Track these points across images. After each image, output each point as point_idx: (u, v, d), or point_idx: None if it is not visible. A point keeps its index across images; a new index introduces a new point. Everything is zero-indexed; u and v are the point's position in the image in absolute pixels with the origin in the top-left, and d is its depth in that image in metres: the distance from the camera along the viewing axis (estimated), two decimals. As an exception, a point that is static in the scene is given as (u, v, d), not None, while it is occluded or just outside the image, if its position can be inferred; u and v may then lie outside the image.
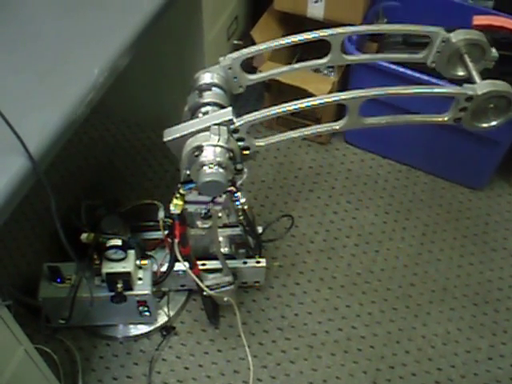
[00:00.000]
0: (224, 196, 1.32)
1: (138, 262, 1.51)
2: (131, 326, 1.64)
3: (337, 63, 1.42)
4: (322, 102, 1.19)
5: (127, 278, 1.47)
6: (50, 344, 1.56)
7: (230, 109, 1.20)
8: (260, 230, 1.64)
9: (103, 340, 1.64)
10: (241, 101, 2.09)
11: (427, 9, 2.02)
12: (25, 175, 0.92)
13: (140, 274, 1.52)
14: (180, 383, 1.59)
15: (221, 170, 1.13)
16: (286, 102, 1.30)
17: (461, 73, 1.40)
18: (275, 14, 2.01)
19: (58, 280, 1.48)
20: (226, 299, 1.55)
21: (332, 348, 1.66)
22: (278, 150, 2.10)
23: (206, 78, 1.30)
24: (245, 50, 1.33)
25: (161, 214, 1.51)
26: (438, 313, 1.74)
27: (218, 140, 1.13)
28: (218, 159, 1.12)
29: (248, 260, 1.62)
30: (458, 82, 1.33)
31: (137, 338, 1.64)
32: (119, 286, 1.47)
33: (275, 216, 1.87)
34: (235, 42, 1.99)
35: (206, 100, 1.26)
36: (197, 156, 1.14)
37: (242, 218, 1.44)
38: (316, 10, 1.90)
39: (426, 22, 1.94)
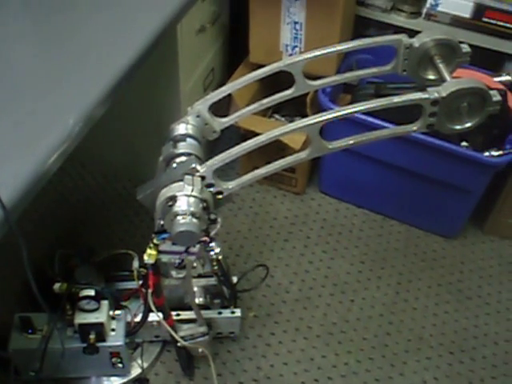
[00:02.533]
0: (198, 246, 1.32)
1: (111, 313, 1.49)
2: (104, 378, 1.61)
3: (302, 91, 1.41)
4: (280, 133, 1.18)
5: (100, 329, 1.44)
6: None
7: (192, 158, 1.22)
8: (235, 279, 1.63)
9: (75, 394, 1.61)
10: (216, 151, 2.10)
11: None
12: (-4, 224, 0.92)
13: (113, 324, 1.50)
14: None
15: (194, 220, 1.13)
16: (260, 152, 1.32)
17: (432, 76, 1.36)
18: (251, 66, 2.04)
19: (30, 331, 1.45)
20: (200, 350, 1.54)
21: (308, 399, 1.65)
22: (253, 200, 2.12)
23: (180, 129, 1.31)
24: (208, 96, 1.35)
25: (135, 264, 1.50)
26: (415, 362, 1.74)
27: (192, 190, 1.14)
28: (192, 209, 1.12)
29: (223, 310, 1.61)
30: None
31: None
32: (92, 337, 1.44)
33: (250, 266, 1.87)
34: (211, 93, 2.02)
35: (179, 151, 1.26)
36: (170, 206, 1.14)
37: (216, 267, 1.43)
38: (290, 63, 1.93)
39: (397, 74, 2.00)
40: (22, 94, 1.14)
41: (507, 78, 1.94)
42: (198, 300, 1.56)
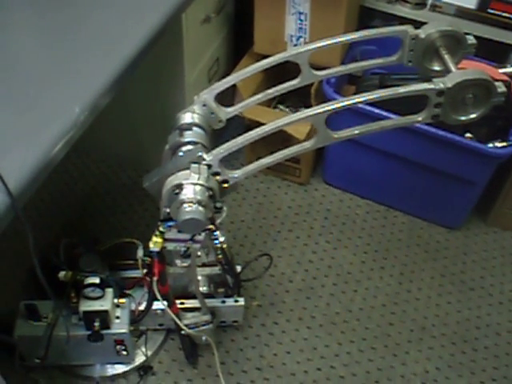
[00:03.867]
0: (203, 234, 1.33)
1: (115, 301, 1.50)
2: (108, 366, 1.63)
3: (308, 81, 1.41)
4: (285, 123, 1.18)
5: (104, 317, 1.46)
6: (25, 384, 1.55)
7: (198, 146, 1.23)
8: (239, 269, 1.64)
9: (80, 380, 1.62)
10: (221, 142, 2.11)
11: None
12: (3, 211, 0.93)
13: (118, 312, 1.51)
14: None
15: (200, 208, 1.14)
16: (265, 143, 1.32)
17: (438, 67, 1.36)
18: (255, 56, 2.04)
19: (35, 318, 1.46)
20: (204, 338, 1.55)
21: (311, 388, 1.66)
22: (257, 190, 2.12)
23: (187, 117, 1.31)
24: (214, 85, 1.35)
25: (140, 253, 1.51)
26: (417, 352, 1.75)
27: (198, 178, 1.14)
28: (198, 197, 1.13)
29: (226, 299, 1.62)
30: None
31: (114, 377, 1.62)
32: (96, 324, 1.46)
33: (254, 255, 1.88)
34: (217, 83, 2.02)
35: (186, 139, 1.27)
36: (177, 194, 1.15)
37: (220, 256, 1.44)
38: (295, 53, 1.94)
39: (401, 65, 2.00)
40: (28, 84, 1.15)
41: (512, 69, 1.94)
42: (202, 289, 1.58)
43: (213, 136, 2.17)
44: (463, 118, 1.22)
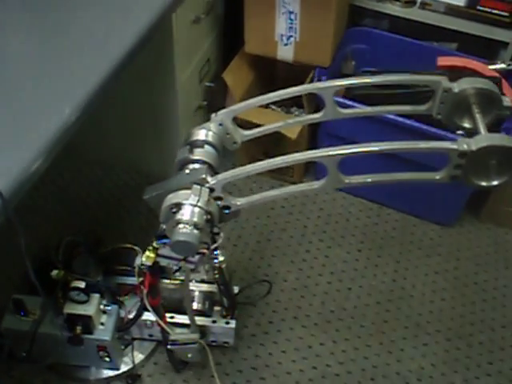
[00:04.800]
0: (197, 256, 1.30)
1: (102, 307, 1.49)
2: (103, 370, 1.62)
3: (332, 117, 1.33)
4: (296, 159, 1.17)
5: (87, 322, 1.45)
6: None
7: (204, 167, 1.18)
8: (236, 290, 1.61)
9: (75, 383, 1.61)
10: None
11: (394, 51, 2.08)
12: (-6, 212, 0.93)
13: (103, 318, 1.50)
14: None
15: (195, 232, 1.10)
16: (256, 142, 1.32)
17: (468, 125, 1.27)
18: (246, 56, 2.05)
19: (22, 313, 1.46)
20: (189, 356, 1.54)
21: (307, 386, 1.66)
22: (250, 190, 2.12)
23: (201, 134, 1.26)
24: (234, 106, 1.30)
25: (137, 261, 1.48)
26: (412, 349, 1.75)
27: (198, 201, 1.11)
28: (195, 220, 1.10)
29: (218, 319, 1.58)
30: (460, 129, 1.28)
31: (109, 380, 1.62)
32: (78, 328, 1.45)
33: (247, 256, 1.88)
34: (207, 84, 2.03)
35: (195, 157, 1.22)
36: (174, 213, 1.12)
37: (217, 276, 1.42)
38: (286, 53, 1.95)
39: (393, 63, 2.01)
40: (17, 84, 1.15)
41: (502, 65, 1.95)
42: (197, 305, 1.56)
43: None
44: (484, 184, 1.14)
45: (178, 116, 1.87)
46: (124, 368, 1.62)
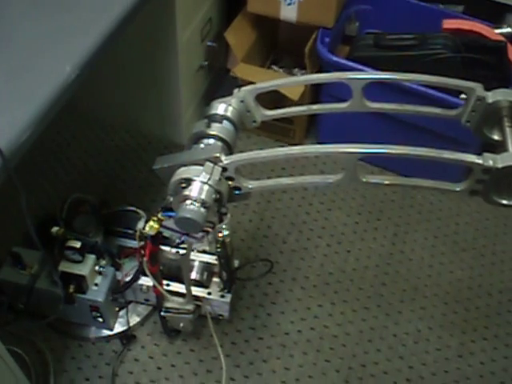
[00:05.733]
0: (201, 233, 1.28)
1: (97, 268, 1.50)
2: (103, 330, 1.64)
3: (358, 109, 1.29)
4: (315, 151, 1.17)
5: (80, 282, 1.45)
6: (22, 345, 1.55)
7: (219, 145, 1.16)
8: (236, 263, 1.60)
9: (75, 341, 1.63)
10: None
11: (398, 13, 2.05)
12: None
13: (98, 279, 1.50)
14: (152, 383, 1.58)
15: (202, 210, 1.09)
16: (259, 102, 1.30)
17: (497, 137, 1.21)
18: (249, 16, 2.02)
19: (20, 266, 1.47)
20: (181, 325, 1.55)
21: (304, 347, 1.67)
22: (250, 151, 2.10)
23: (221, 108, 1.23)
24: (258, 85, 1.26)
25: (140, 225, 1.46)
26: (409, 312, 1.76)
27: (209, 179, 1.09)
28: (203, 197, 1.09)
29: (212, 291, 1.56)
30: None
31: (109, 338, 1.64)
32: (71, 287, 1.45)
33: (247, 218, 1.88)
34: (209, 43, 2.00)
35: (211, 132, 1.20)
36: (183, 188, 1.11)
37: (220, 250, 1.40)
38: (289, 13, 1.91)
39: (397, 25, 1.98)
40: (17, 45, 1.13)
41: (508, 29, 1.93)
42: (195, 275, 1.54)
43: (204, 96, 2.16)
44: (505, 202, 1.11)
45: (179, 76, 1.85)
46: (119, 329, 1.64)
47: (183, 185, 1.11)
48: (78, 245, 1.44)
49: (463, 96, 1.83)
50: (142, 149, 2.10)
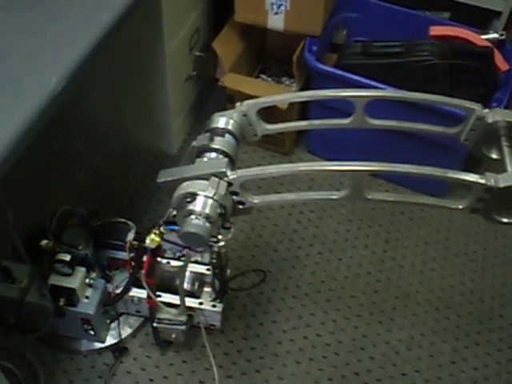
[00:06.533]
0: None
1: (87, 281, 1.48)
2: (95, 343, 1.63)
3: (360, 126, 1.31)
4: (321, 168, 1.16)
5: (71, 295, 1.44)
6: (12, 360, 1.54)
7: (225, 160, 1.15)
8: (228, 273, 1.56)
9: (67, 354, 1.62)
10: (204, 112, 2.10)
11: (385, 20, 2.06)
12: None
13: (88, 292, 1.49)
14: (145, 395, 1.58)
15: (207, 224, 1.09)
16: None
17: (495, 156, 1.24)
18: (236, 25, 2.02)
19: (9, 280, 1.46)
20: (173, 336, 1.55)
21: (297, 356, 1.67)
22: (241, 161, 2.06)
23: (223, 122, 1.24)
24: (261, 99, 1.27)
25: (130, 236, 1.47)
26: (402, 318, 1.76)
27: (215, 194, 1.09)
28: (208, 212, 1.08)
29: (204, 301, 1.54)
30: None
31: (101, 351, 1.62)
32: (62, 300, 1.44)
33: (239, 227, 1.87)
34: (197, 53, 2.00)
35: (214, 146, 1.20)
36: (188, 202, 1.10)
37: (215, 260, 1.40)
38: (276, 22, 1.92)
39: (384, 32, 1.99)
40: (3, 53, 1.12)
41: (494, 35, 1.94)
42: (186, 285, 1.53)
43: (194, 106, 2.16)
44: (505, 221, 1.13)
45: (168, 86, 1.85)
46: (111, 341, 1.63)
47: (188, 199, 1.10)
48: (67, 258, 1.44)
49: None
50: (131, 159, 2.09)
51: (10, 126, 0.98)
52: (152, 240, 1.25)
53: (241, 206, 1.17)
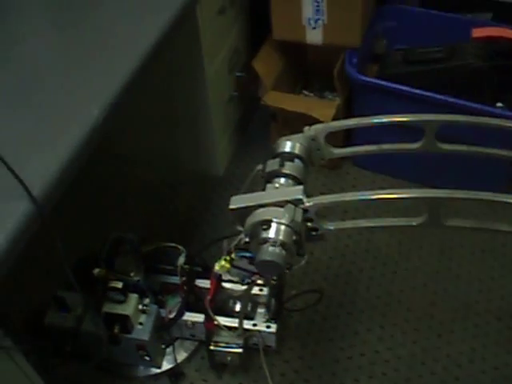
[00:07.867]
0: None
1: (141, 307, 1.49)
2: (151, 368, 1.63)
3: (430, 151, 1.31)
4: (399, 196, 1.16)
5: (125, 321, 1.45)
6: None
7: (301, 188, 1.14)
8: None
9: (124, 381, 1.62)
10: (248, 132, 2.10)
11: (425, 26, 2.03)
12: (29, 218, 0.92)
13: (142, 318, 1.49)
14: (204, 420, 1.57)
15: (283, 252, 1.08)
16: (291, 129, 1.29)
17: None
18: (275, 43, 2.02)
19: (64, 310, 1.47)
20: (229, 359, 1.54)
21: (356, 374, 1.63)
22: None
23: (292, 147, 1.24)
24: (331, 124, 1.29)
25: (181, 260, 1.48)
26: (462, 330, 1.71)
27: (291, 221, 1.09)
28: (284, 240, 1.08)
29: (258, 322, 1.53)
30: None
31: (158, 376, 1.62)
32: (116, 327, 1.45)
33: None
34: (238, 74, 2.01)
35: (286, 171, 1.20)
36: (263, 229, 1.10)
37: (275, 280, 1.39)
38: (314, 36, 1.91)
39: (425, 38, 1.96)
40: (45, 88, 1.14)
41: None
42: (239, 307, 1.53)
43: (239, 124, 2.15)
44: None
45: (211, 108, 1.86)
46: (167, 366, 1.62)
47: (264, 227, 1.10)
48: (119, 285, 1.45)
49: (499, 104, 1.81)
50: (178, 183, 2.10)
51: (54, 159, 1.00)
52: (222, 266, 1.24)
53: (314, 233, 1.16)
